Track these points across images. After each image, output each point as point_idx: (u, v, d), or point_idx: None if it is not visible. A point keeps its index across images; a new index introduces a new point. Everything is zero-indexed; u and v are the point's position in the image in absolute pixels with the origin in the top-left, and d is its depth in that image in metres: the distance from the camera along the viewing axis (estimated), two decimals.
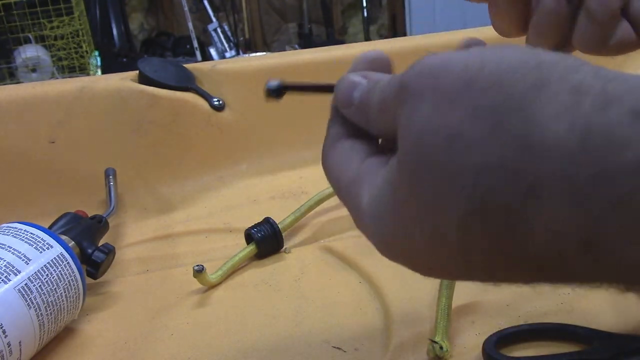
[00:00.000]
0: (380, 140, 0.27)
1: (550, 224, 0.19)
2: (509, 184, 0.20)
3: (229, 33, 2.88)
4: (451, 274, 0.24)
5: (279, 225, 0.51)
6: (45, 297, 0.39)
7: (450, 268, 0.23)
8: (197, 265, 0.45)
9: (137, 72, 0.64)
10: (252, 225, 0.51)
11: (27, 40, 2.18)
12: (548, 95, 0.20)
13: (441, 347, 0.36)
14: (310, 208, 0.54)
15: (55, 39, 2.16)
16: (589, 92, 0.19)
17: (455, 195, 0.21)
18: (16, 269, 0.38)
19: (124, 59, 2.70)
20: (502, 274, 0.23)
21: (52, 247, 0.41)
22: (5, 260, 0.38)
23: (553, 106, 0.19)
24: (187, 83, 0.65)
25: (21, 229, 0.41)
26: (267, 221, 0.51)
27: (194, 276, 0.45)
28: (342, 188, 0.26)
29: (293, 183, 0.62)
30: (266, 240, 0.50)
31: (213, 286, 0.47)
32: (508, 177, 0.20)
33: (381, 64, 0.28)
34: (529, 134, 0.19)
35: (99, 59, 2.31)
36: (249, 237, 0.51)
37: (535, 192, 0.19)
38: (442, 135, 0.21)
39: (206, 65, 0.67)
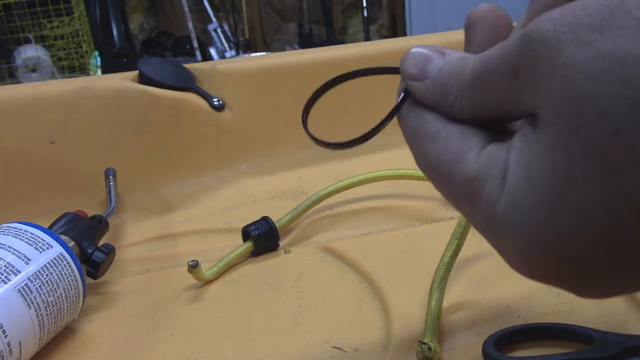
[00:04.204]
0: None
1: None
2: None
3: (229, 33, 2.88)
4: (628, 290, 0.19)
5: (276, 224, 0.51)
6: (45, 297, 0.39)
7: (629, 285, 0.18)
8: (192, 261, 0.45)
9: (137, 72, 0.64)
10: (249, 223, 0.51)
11: (27, 40, 2.19)
12: None
13: (429, 348, 0.36)
14: (308, 207, 0.54)
15: (55, 39, 2.16)
16: None
17: None
18: (16, 269, 0.38)
19: (124, 59, 2.70)
20: None
21: (52, 247, 0.41)
22: (5, 260, 0.38)
23: None
24: (187, 83, 0.65)
25: (21, 229, 0.41)
26: (264, 219, 0.51)
27: (189, 271, 0.45)
28: (456, 188, 0.21)
29: (293, 183, 0.62)
30: (262, 237, 0.50)
31: (208, 282, 0.47)
32: None
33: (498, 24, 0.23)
34: None
35: (99, 59, 2.31)
36: (246, 234, 0.51)
37: None
38: (603, 73, 0.16)
39: (206, 65, 0.67)
